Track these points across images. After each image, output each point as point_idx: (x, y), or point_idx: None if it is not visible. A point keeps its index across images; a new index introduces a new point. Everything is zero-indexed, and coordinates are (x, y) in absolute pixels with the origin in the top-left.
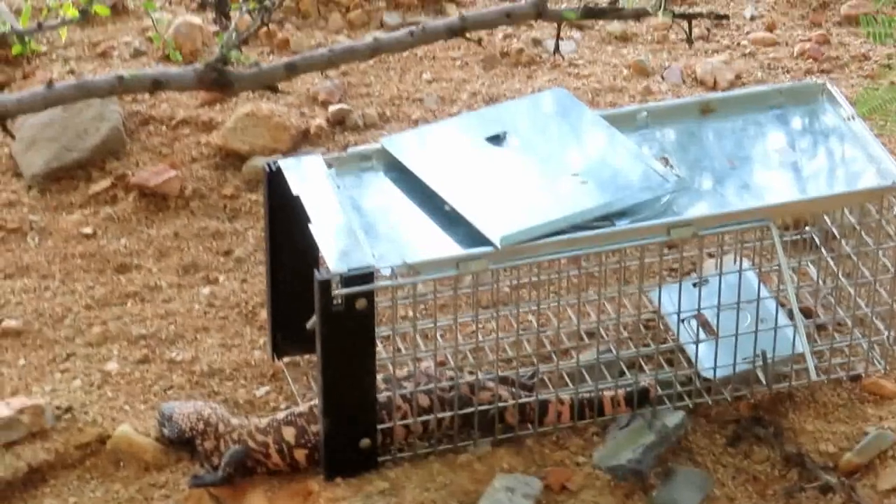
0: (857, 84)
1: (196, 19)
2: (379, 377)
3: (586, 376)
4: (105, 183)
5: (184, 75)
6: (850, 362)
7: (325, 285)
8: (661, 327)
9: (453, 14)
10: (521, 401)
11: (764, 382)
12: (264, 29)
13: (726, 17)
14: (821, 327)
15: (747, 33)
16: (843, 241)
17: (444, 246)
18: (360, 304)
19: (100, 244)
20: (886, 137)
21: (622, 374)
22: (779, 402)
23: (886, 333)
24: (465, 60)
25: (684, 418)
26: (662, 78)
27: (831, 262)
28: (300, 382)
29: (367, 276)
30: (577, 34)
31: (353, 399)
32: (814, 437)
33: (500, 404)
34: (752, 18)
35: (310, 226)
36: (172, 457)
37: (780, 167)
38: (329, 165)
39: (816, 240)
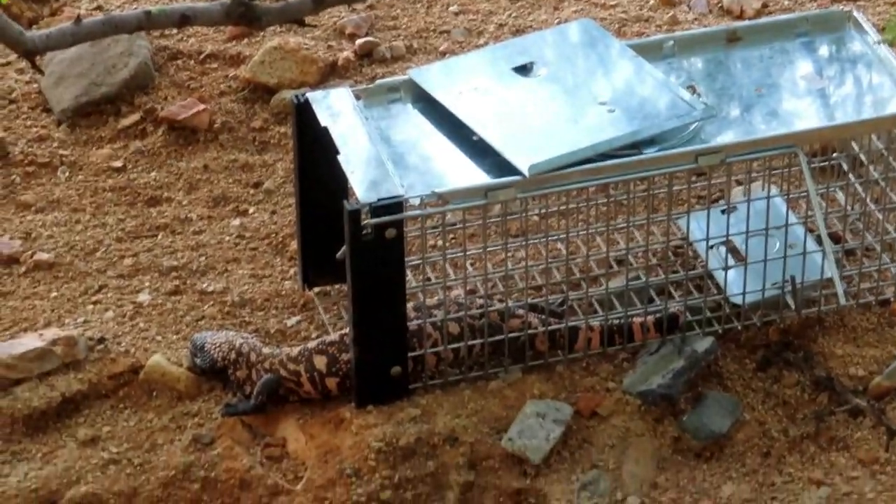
0: (883, 11)
1: None
2: (409, 305)
3: (616, 303)
4: (134, 117)
5: (211, 10)
6: (879, 287)
7: (355, 215)
8: (690, 254)
9: None
10: (551, 328)
11: (793, 308)
12: None
13: None
14: (849, 252)
15: None
16: (871, 167)
17: (473, 175)
18: (390, 233)
19: (130, 178)
20: None
21: (651, 300)
22: (808, 326)
23: None
24: None
25: (714, 344)
26: (689, 7)
27: (859, 188)
28: (331, 312)
29: (396, 206)
30: None
31: (384, 327)
32: (843, 361)
33: (531, 331)
34: None
35: (338, 157)
36: (205, 386)
37: (807, 94)
38: (357, 97)
39: (844, 166)
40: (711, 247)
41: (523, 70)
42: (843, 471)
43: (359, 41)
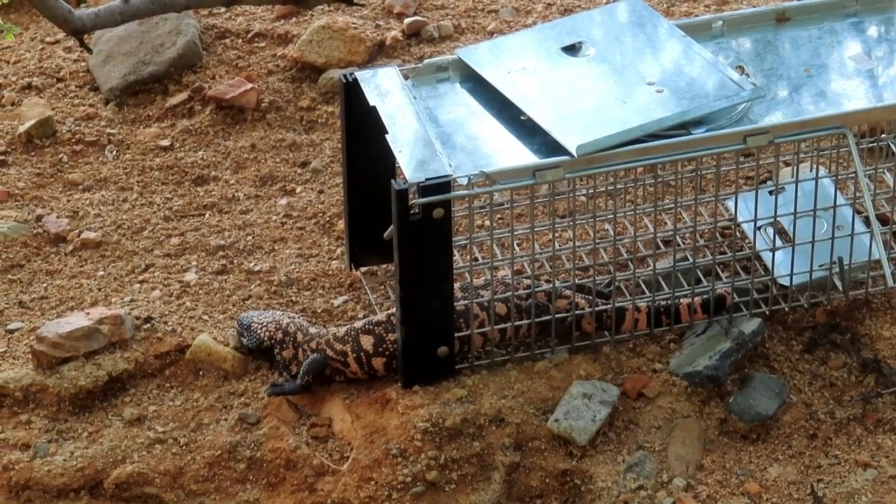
0: None
1: None
2: (456, 286)
3: (663, 284)
4: (182, 96)
5: None
6: None
7: (403, 195)
8: (738, 235)
9: None
10: (597, 308)
11: (840, 289)
12: None
13: None
14: None
15: None
16: None
17: (521, 155)
18: (438, 213)
19: (177, 156)
20: None
21: (699, 281)
22: (855, 308)
23: None
24: None
25: (761, 325)
26: None
27: None
28: (378, 292)
29: (443, 186)
30: None
31: (431, 307)
32: (891, 343)
33: (577, 312)
34: None
35: (386, 136)
36: (251, 366)
37: (855, 75)
38: (405, 77)
39: (893, 147)
40: (759, 228)
41: (571, 50)
42: (890, 453)
43: (407, 20)
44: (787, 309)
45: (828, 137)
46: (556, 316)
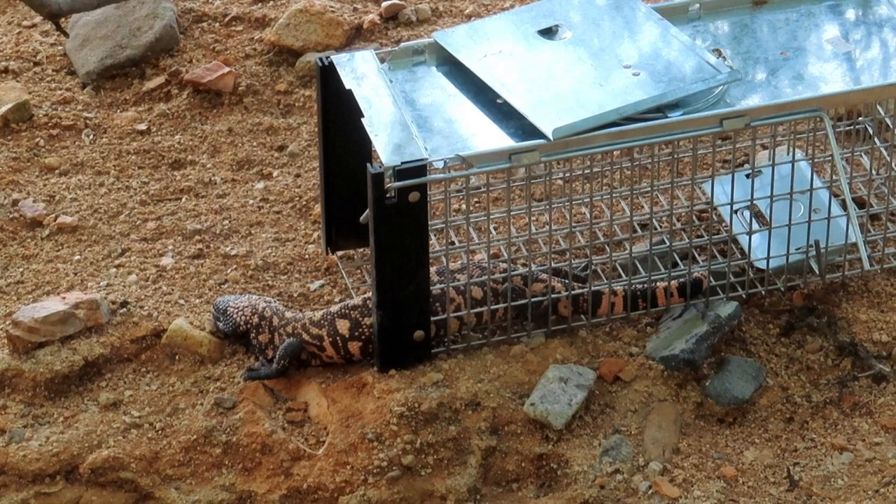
0: None
1: None
2: (432, 270)
3: (639, 267)
4: (159, 80)
5: None
6: None
7: (378, 178)
8: (715, 218)
9: None
10: (574, 292)
11: (817, 272)
12: None
13: None
14: (874, 217)
15: None
16: None
17: (497, 138)
18: (413, 197)
19: (154, 140)
20: None
21: (675, 265)
22: (832, 291)
23: None
24: None
25: (737, 309)
26: None
27: (885, 152)
28: (354, 276)
29: (419, 169)
30: None
31: (407, 291)
32: (867, 326)
33: (554, 296)
34: None
35: (362, 120)
36: (227, 350)
37: (833, 58)
38: (381, 60)
39: (870, 130)
40: (736, 211)
41: (548, 33)
42: (866, 436)
43: (384, 4)
44: (763, 292)
45: (805, 120)
46: (533, 300)
